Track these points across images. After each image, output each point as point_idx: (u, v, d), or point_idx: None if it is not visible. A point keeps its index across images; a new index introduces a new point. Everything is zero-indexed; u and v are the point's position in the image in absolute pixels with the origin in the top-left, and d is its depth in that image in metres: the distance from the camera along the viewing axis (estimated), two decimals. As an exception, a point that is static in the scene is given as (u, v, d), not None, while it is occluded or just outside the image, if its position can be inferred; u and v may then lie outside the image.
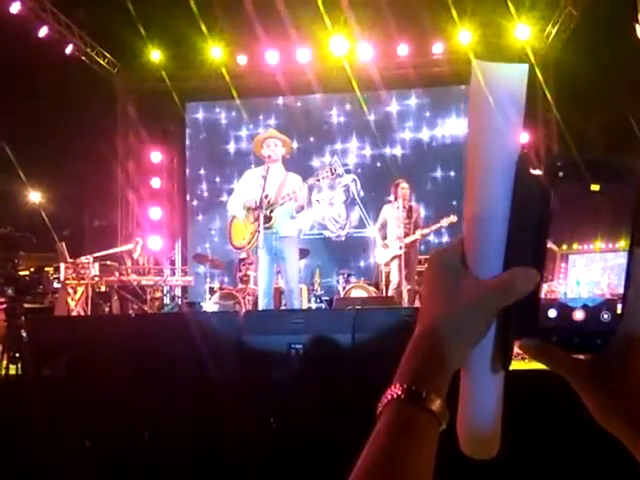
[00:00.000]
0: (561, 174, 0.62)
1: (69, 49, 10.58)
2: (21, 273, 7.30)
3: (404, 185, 8.40)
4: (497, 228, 0.65)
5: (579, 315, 0.63)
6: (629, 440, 0.64)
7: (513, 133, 0.65)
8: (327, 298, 9.40)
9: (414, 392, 0.62)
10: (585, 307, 0.63)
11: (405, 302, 7.76)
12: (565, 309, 0.63)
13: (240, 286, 8.73)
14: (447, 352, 0.64)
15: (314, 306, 9.03)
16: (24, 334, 4.56)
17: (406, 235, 8.10)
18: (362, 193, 11.79)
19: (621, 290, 0.62)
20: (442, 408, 0.63)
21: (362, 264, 10.87)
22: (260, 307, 6.39)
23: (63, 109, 9.54)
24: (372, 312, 5.22)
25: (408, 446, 0.61)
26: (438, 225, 8.19)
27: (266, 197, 6.25)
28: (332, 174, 6.36)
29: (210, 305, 8.44)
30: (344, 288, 9.33)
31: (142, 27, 10.06)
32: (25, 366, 4.51)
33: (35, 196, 10.27)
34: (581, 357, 0.65)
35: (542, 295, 0.63)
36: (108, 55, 11.61)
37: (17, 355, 4.66)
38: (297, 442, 3.57)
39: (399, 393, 0.63)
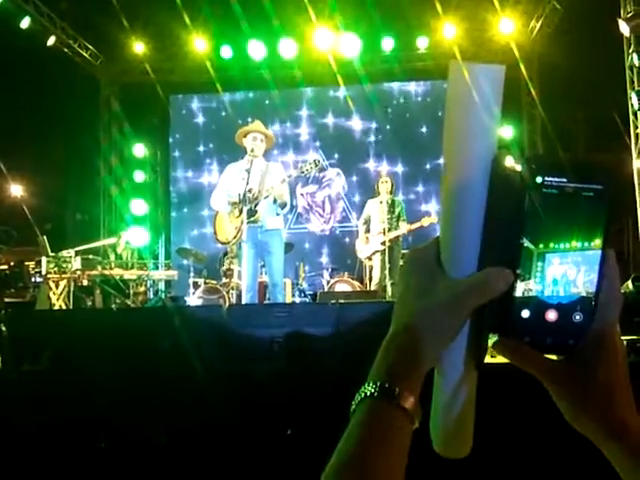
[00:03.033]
0: (538, 179, 0.62)
1: (51, 41, 10.46)
2: (1, 267, 7.25)
3: (385, 179, 8.46)
4: (472, 228, 0.65)
5: (552, 315, 0.63)
6: (599, 441, 0.65)
7: (489, 134, 0.65)
8: (311, 292, 9.41)
9: (387, 390, 0.62)
10: (559, 306, 0.63)
11: (389, 296, 7.78)
12: (538, 309, 0.63)
13: (224, 280, 8.70)
14: (420, 351, 0.64)
15: (298, 300, 9.04)
16: (3, 328, 4.52)
17: (389, 230, 8.13)
18: (347, 187, 11.82)
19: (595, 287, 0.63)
20: (415, 406, 0.62)
21: (346, 258, 10.87)
22: (244, 301, 6.37)
23: (45, 101, 9.47)
24: (355, 306, 5.22)
25: (380, 444, 0.61)
26: (419, 224, 8.23)
27: (250, 191, 6.22)
28: (316, 166, 6.34)
29: (194, 299, 8.41)
30: (328, 282, 9.34)
31: (125, 19, 9.99)
32: (5, 360, 4.47)
33: (16, 189, 10.17)
34: (553, 357, 0.65)
35: (518, 294, 0.64)
36: (91, 47, 11.51)
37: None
38: (279, 436, 3.57)
39: (372, 391, 0.63)
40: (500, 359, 0.67)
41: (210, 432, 3.65)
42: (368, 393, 0.63)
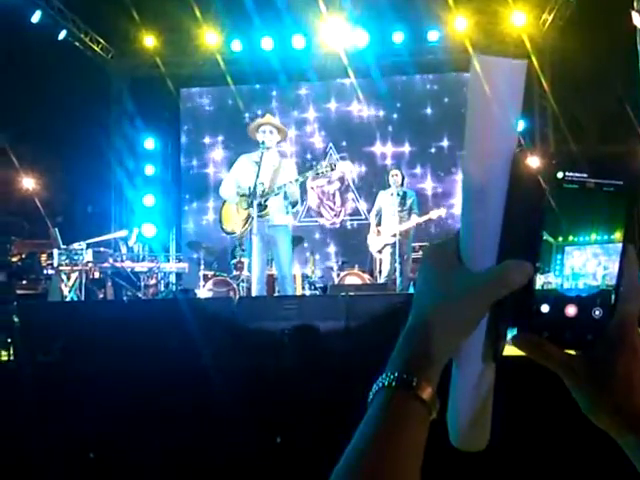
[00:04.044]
0: (559, 174, 0.62)
1: (62, 35, 10.48)
2: (13, 259, 7.29)
3: (395, 172, 8.46)
4: (492, 221, 0.65)
5: (571, 310, 0.63)
6: (617, 434, 0.65)
7: (510, 128, 0.65)
8: (321, 285, 9.41)
9: (405, 380, 0.62)
10: (579, 299, 0.63)
11: (399, 289, 7.78)
12: (558, 303, 0.63)
13: (234, 273, 8.72)
14: (438, 343, 0.64)
15: (308, 293, 9.04)
16: (16, 319, 4.55)
17: (400, 223, 8.13)
18: (356, 180, 11.82)
19: (615, 280, 0.63)
20: (433, 397, 0.63)
21: (357, 251, 10.87)
22: (254, 294, 6.38)
23: (57, 95, 9.49)
24: (365, 299, 5.21)
25: (398, 433, 0.61)
26: (427, 217, 8.24)
27: (260, 185, 6.22)
28: (332, 170, 6.40)
29: (204, 292, 8.43)
30: (338, 275, 9.34)
31: (136, 12, 10.01)
32: (17, 352, 4.50)
33: (28, 182, 10.23)
34: (571, 352, 0.65)
35: (538, 287, 0.63)
36: (102, 41, 11.53)
37: (9, 340, 4.66)
38: (291, 430, 3.58)
39: (390, 381, 0.63)
40: (515, 350, 0.67)
41: (218, 424, 3.66)
42: (386, 383, 0.63)
